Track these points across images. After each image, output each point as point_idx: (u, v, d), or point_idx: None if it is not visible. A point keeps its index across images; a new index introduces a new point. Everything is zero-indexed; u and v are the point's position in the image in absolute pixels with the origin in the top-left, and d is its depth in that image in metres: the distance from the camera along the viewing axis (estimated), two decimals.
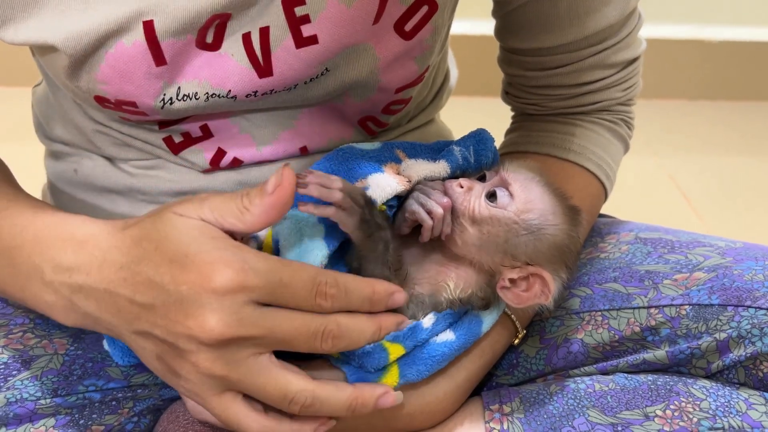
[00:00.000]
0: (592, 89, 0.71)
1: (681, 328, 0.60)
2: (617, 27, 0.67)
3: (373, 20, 0.57)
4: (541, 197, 0.56)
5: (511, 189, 0.56)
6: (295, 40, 0.57)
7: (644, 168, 1.83)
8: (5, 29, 0.55)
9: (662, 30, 2.11)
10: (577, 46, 0.67)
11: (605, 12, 0.66)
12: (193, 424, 0.60)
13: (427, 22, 0.60)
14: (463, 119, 0.66)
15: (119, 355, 0.60)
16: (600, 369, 0.62)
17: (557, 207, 0.56)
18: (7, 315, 0.64)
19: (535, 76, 0.71)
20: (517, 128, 0.75)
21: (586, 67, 0.69)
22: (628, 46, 0.70)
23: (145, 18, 0.53)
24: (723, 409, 0.56)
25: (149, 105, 0.58)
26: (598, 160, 0.71)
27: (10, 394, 0.58)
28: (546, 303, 0.55)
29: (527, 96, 0.73)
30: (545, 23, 0.66)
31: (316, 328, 0.49)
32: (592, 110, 0.72)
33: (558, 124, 0.72)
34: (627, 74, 0.71)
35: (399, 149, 0.59)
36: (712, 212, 1.67)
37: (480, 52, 0.87)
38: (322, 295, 0.49)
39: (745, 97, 2.20)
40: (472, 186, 0.56)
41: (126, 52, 0.54)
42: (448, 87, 0.80)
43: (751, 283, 0.60)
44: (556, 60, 0.69)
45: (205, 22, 0.54)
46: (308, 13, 0.56)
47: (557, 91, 0.71)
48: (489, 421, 0.59)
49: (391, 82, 0.62)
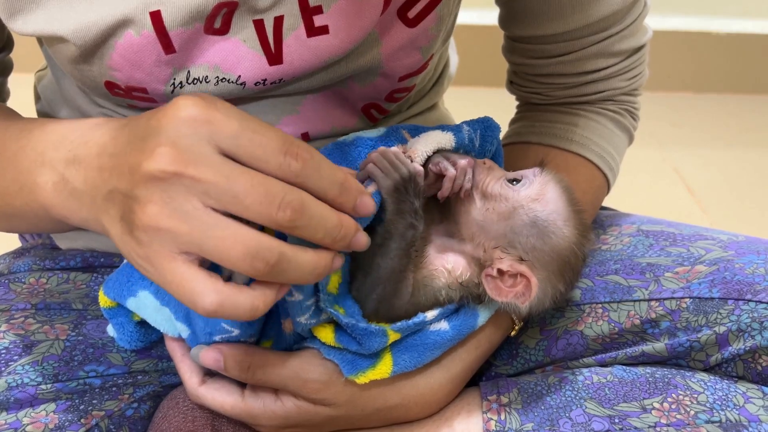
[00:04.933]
0: (596, 78, 0.70)
1: (681, 321, 0.60)
2: (621, 14, 0.67)
3: (382, 10, 0.57)
4: (557, 199, 0.55)
5: (531, 180, 0.55)
6: (306, 29, 0.57)
7: (649, 160, 1.83)
8: (14, 20, 0.55)
9: (669, 21, 2.10)
10: (580, 34, 0.67)
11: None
12: (193, 410, 0.60)
13: (431, 11, 0.59)
14: (465, 109, 0.66)
15: (126, 340, 0.61)
16: (599, 361, 0.62)
17: (571, 217, 0.55)
18: (8, 300, 0.64)
19: (539, 64, 0.71)
20: (521, 118, 0.75)
21: (590, 55, 0.68)
22: (633, 34, 0.69)
23: (151, 9, 0.53)
24: (720, 402, 0.56)
25: (159, 91, 0.59)
26: (601, 151, 0.71)
27: (11, 379, 0.58)
28: (521, 305, 0.54)
29: (531, 85, 0.73)
30: (549, 10, 0.66)
31: (277, 192, 0.43)
32: (596, 100, 0.72)
33: (561, 114, 0.72)
34: (632, 63, 0.71)
35: (404, 130, 0.59)
36: (716, 205, 1.66)
37: (483, 43, 0.87)
38: (293, 154, 0.43)
39: (752, 90, 2.19)
40: (494, 167, 0.56)
41: (135, 42, 0.54)
42: (448, 73, 0.79)
43: (752, 276, 0.59)
44: (559, 48, 0.68)
45: (212, 10, 0.54)
46: (321, 4, 0.56)
47: (561, 80, 0.71)
48: (486, 411, 0.59)
49: (395, 70, 0.62)
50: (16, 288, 0.66)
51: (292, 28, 0.57)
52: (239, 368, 0.55)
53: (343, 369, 0.55)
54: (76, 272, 0.69)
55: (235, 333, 0.55)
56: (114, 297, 0.59)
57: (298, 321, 0.54)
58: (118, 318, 0.61)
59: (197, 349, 0.56)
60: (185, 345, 0.59)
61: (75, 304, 0.66)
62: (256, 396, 0.57)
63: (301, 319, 0.54)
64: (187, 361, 0.59)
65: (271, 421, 0.57)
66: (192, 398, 0.59)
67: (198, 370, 0.58)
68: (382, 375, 0.55)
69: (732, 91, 2.19)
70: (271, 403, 0.56)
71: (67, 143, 0.50)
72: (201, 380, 0.58)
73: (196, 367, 0.58)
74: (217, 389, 0.57)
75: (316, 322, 0.54)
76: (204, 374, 0.58)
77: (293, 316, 0.54)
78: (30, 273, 0.68)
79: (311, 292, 0.53)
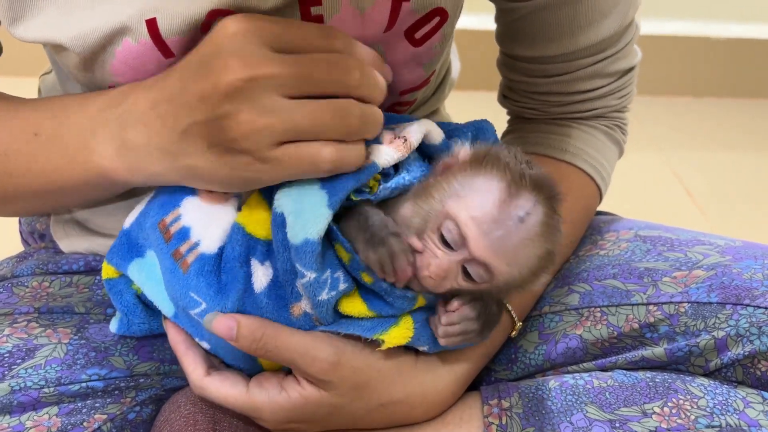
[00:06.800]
0: (590, 97, 0.72)
1: (680, 326, 0.60)
2: (616, 38, 0.69)
3: (386, 28, 0.58)
4: (522, 252, 0.52)
5: (487, 266, 0.52)
6: None
7: (649, 164, 1.83)
8: (16, 27, 0.55)
9: (669, 26, 2.10)
10: (577, 56, 0.69)
11: (605, 23, 0.67)
12: (194, 414, 0.60)
13: (437, 31, 0.60)
14: (466, 113, 0.66)
15: (125, 323, 0.62)
16: (599, 365, 0.62)
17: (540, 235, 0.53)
18: (11, 304, 0.65)
19: (535, 82, 0.72)
20: (514, 130, 0.76)
21: (586, 76, 0.70)
22: (626, 56, 0.72)
23: (147, 17, 0.54)
24: (720, 407, 0.56)
25: None
26: (594, 161, 0.72)
27: (14, 383, 0.58)
28: None
29: (525, 101, 0.74)
30: (547, 33, 0.68)
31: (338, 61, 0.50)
32: (589, 116, 0.74)
33: (555, 126, 0.73)
34: (623, 83, 0.73)
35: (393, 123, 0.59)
36: (715, 209, 1.66)
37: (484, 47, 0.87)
38: (333, 35, 0.50)
39: (751, 95, 2.20)
40: (448, 271, 0.53)
41: (134, 49, 0.55)
42: (450, 78, 0.80)
43: (750, 281, 0.60)
44: (556, 68, 0.70)
45: (206, 17, 0.54)
46: (323, 14, 0.56)
47: (556, 98, 0.72)
48: (487, 415, 0.59)
49: (397, 85, 0.63)
50: (19, 292, 0.67)
51: None
52: (252, 337, 0.54)
53: (365, 334, 0.54)
54: (78, 276, 0.69)
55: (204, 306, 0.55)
56: (117, 264, 0.60)
57: (320, 300, 0.53)
58: (117, 287, 0.61)
59: (211, 316, 0.55)
60: (189, 338, 0.59)
61: (77, 308, 0.66)
62: (260, 387, 0.57)
63: (321, 296, 0.53)
64: (191, 353, 0.59)
65: (275, 414, 0.57)
66: (196, 390, 0.59)
67: (202, 361, 0.59)
68: (403, 336, 0.55)
69: (731, 96, 2.19)
70: (276, 395, 0.56)
71: (111, 111, 0.54)
72: (206, 371, 0.58)
73: (201, 358, 0.59)
74: (222, 380, 0.57)
75: (337, 294, 0.54)
76: (208, 367, 0.59)
77: (313, 297, 0.53)
78: (33, 277, 0.68)
79: (322, 267, 0.53)
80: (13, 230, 0.85)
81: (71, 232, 0.72)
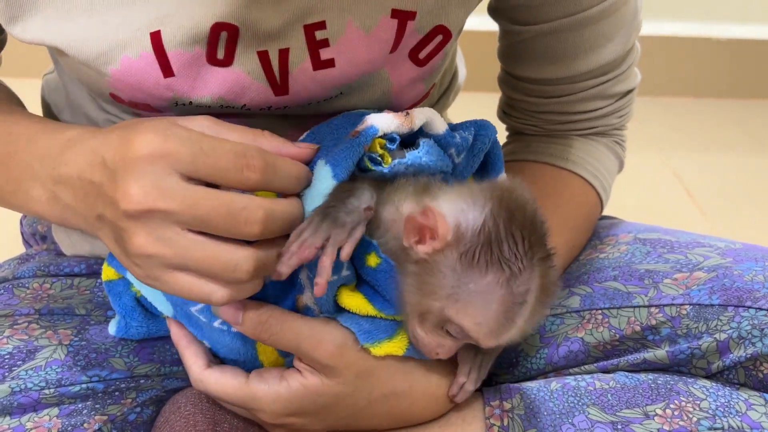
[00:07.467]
0: (591, 117, 0.73)
1: (681, 328, 0.60)
2: (619, 61, 0.70)
3: (391, 48, 0.58)
4: (526, 324, 0.52)
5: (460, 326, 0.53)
6: (312, 62, 0.57)
7: (649, 165, 1.83)
8: (14, 26, 0.55)
9: (669, 27, 2.10)
10: (580, 78, 0.70)
11: (609, 47, 0.68)
12: (194, 415, 0.60)
13: (440, 50, 0.61)
14: (471, 115, 0.66)
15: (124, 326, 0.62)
16: (601, 368, 0.62)
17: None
18: (12, 306, 0.65)
19: (537, 102, 0.73)
20: (514, 141, 0.77)
21: (588, 98, 0.71)
22: (626, 79, 0.73)
23: (152, 29, 0.53)
24: (723, 409, 0.56)
25: (163, 106, 0.59)
26: (595, 171, 0.73)
27: (15, 384, 0.58)
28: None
29: (526, 118, 0.75)
30: (551, 56, 0.68)
31: (239, 209, 0.47)
32: (589, 133, 0.74)
33: (557, 138, 0.74)
34: (623, 104, 0.74)
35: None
36: (716, 210, 1.66)
37: (488, 48, 0.87)
38: (250, 167, 0.47)
39: (752, 96, 2.19)
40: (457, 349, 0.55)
41: (133, 64, 0.55)
42: (455, 86, 0.80)
43: (752, 283, 0.60)
44: (558, 90, 0.71)
45: (210, 31, 0.54)
46: (328, 38, 0.56)
47: (557, 117, 0.73)
48: (489, 417, 0.59)
49: (401, 103, 0.64)
50: (20, 293, 0.67)
51: (298, 61, 0.57)
52: (257, 321, 0.54)
53: (360, 337, 0.54)
54: (80, 278, 0.69)
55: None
56: (118, 266, 0.60)
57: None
58: (116, 289, 0.61)
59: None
60: (190, 334, 0.59)
61: (78, 310, 0.66)
62: (260, 378, 0.56)
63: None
64: (192, 348, 0.59)
65: (274, 405, 0.56)
66: (196, 384, 0.58)
67: (203, 355, 0.59)
68: (396, 350, 0.55)
69: (732, 96, 2.19)
70: (276, 384, 0.56)
71: (50, 160, 0.53)
72: (206, 364, 0.58)
73: (201, 352, 0.59)
74: (222, 373, 0.57)
75: (339, 279, 0.54)
76: (209, 361, 0.59)
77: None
78: (34, 279, 0.68)
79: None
80: (14, 232, 0.85)
81: (73, 234, 0.72)
